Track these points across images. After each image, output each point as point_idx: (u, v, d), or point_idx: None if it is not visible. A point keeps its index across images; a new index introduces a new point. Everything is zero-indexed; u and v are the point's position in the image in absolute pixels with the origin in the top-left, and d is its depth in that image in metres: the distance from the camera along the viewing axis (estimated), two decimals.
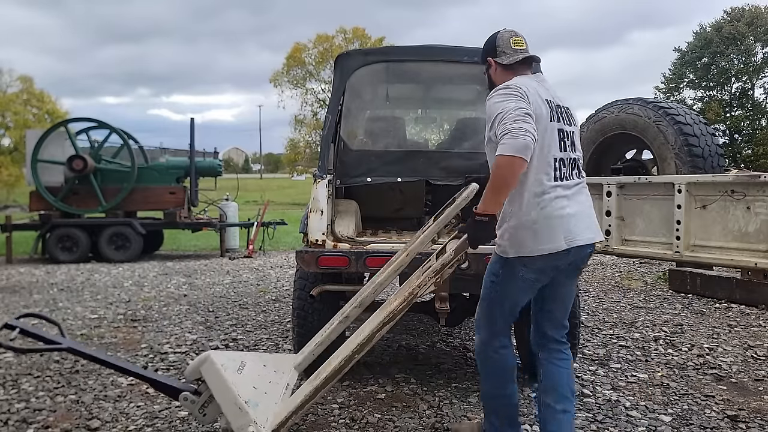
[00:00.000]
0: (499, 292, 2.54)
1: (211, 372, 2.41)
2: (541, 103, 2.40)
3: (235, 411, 2.37)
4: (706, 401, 3.51)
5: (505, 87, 2.39)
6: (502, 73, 2.57)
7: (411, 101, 5.42)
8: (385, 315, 2.50)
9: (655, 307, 6.23)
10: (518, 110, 2.25)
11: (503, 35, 2.61)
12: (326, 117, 3.87)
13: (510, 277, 2.49)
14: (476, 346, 2.70)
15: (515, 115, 2.23)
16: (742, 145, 35.50)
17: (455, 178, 3.75)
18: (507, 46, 2.57)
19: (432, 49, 4.05)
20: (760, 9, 34.30)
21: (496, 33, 2.64)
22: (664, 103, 3.49)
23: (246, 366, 2.65)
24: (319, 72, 39.21)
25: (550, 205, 2.38)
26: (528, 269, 2.43)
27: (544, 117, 2.37)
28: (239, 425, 2.34)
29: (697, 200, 2.55)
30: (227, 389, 2.40)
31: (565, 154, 2.45)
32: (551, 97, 2.48)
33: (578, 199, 2.45)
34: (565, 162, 2.45)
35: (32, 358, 4.45)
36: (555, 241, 2.36)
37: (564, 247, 2.35)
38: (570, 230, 2.38)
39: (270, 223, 12.11)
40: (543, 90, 2.48)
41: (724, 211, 2.45)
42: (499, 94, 2.37)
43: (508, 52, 2.57)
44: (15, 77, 36.48)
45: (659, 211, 2.73)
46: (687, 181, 2.59)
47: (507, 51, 2.57)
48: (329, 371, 2.46)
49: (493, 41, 2.61)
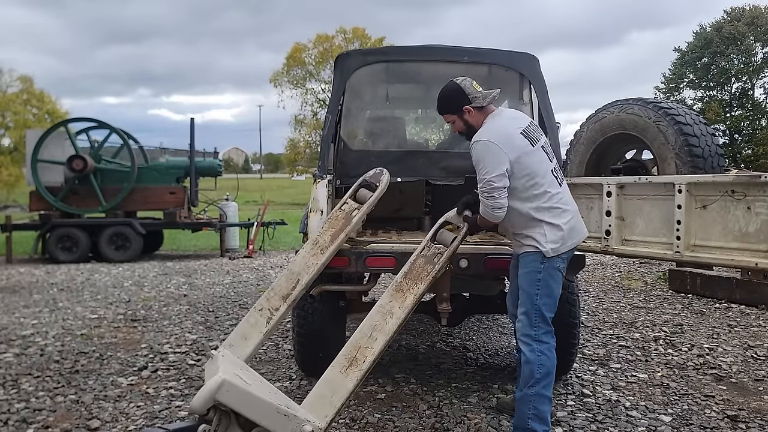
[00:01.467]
0: (542, 289, 2.82)
1: (235, 393, 2.23)
2: (518, 139, 2.77)
3: (281, 419, 2.27)
4: (706, 401, 3.51)
5: (485, 142, 2.75)
6: (477, 114, 2.90)
7: (411, 101, 5.42)
8: (412, 299, 2.76)
9: (655, 307, 6.23)
10: (496, 176, 2.69)
11: (465, 83, 2.90)
12: (326, 117, 3.87)
13: (551, 273, 2.80)
14: (544, 353, 2.79)
15: (492, 185, 2.70)
16: (742, 145, 35.48)
17: (455, 178, 3.74)
18: (473, 90, 2.88)
19: (432, 49, 4.04)
20: (761, 9, 34.28)
21: (455, 84, 2.92)
22: (664, 103, 3.48)
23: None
24: (319, 72, 39.17)
25: (566, 206, 2.81)
26: (562, 261, 2.81)
27: (526, 148, 2.77)
28: (291, 429, 2.27)
29: (698, 200, 2.54)
30: (261, 402, 2.27)
31: (553, 163, 2.88)
32: (522, 126, 2.83)
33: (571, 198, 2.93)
34: (556, 169, 2.88)
35: (32, 358, 4.45)
36: (581, 232, 2.88)
37: (586, 233, 2.94)
38: (580, 223, 2.91)
39: (270, 223, 12.11)
40: (513, 123, 2.85)
41: (725, 211, 2.44)
42: (480, 145, 2.77)
43: (477, 96, 2.88)
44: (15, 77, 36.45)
45: (659, 211, 2.72)
46: (687, 181, 2.59)
47: (476, 95, 2.88)
48: (371, 359, 2.54)
49: (461, 90, 2.88)
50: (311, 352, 3.71)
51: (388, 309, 2.77)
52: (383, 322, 2.71)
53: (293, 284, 2.99)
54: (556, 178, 2.85)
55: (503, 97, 4.54)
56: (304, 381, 3.84)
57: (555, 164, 2.91)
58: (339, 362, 2.61)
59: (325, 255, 3.06)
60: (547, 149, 2.91)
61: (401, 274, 2.93)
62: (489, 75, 4.19)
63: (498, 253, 3.29)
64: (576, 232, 2.84)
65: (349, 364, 2.58)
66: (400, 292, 2.85)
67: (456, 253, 3.19)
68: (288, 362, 4.26)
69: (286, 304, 2.93)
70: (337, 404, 2.46)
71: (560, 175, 2.93)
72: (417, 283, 2.88)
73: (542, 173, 2.78)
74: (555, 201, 2.77)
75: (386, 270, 3.38)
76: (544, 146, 2.89)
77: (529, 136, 2.81)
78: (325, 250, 3.08)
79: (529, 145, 2.78)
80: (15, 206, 27.75)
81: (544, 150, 2.86)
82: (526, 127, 2.84)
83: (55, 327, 5.45)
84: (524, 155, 2.74)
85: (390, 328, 2.69)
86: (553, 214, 2.75)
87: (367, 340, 2.66)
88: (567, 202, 2.84)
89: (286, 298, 2.95)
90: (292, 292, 2.96)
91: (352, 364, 2.57)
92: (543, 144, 2.88)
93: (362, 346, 2.64)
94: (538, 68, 3.84)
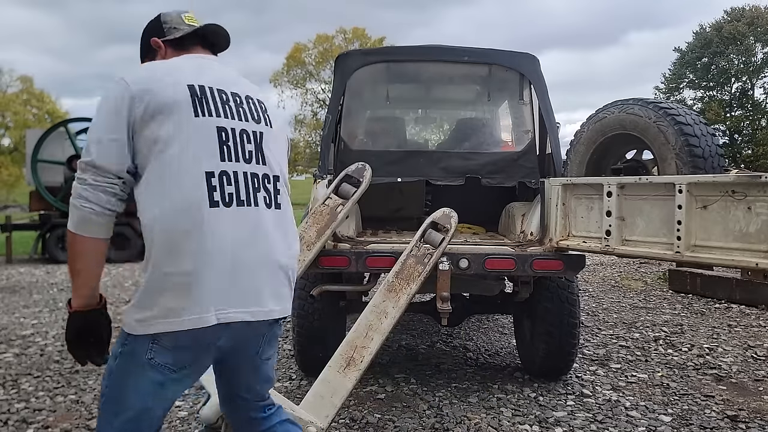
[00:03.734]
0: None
1: None
2: (178, 87, 1.55)
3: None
4: (706, 401, 3.51)
5: (112, 87, 1.54)
6: (172, 53, 1.78)
7: (411, 101, 5.42)
8: (405, 299, 2.73)
9: (655, 307, 6.23)
10: (97, 144, 1.49)
11: (169, 12, 1.87)
12: (326, 117, 3.87)
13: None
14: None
15: (89, 159, 1.48)
16: (742, 146, 35.51)
17: (455, 178, 3.75)
18: (178, 21, 1.81)
19: (432, 50, 4.04)
20: (761, 9, 34.31)
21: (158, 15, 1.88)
22: (664, 103, 3.48)
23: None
24: (319, 72, 39.26)
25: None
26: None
27: (183, 109, 1.53)
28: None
29: (698, 200, 2.54)
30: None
31: (236, 165, 1.57)
32: (217, 83, 1.63)
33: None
34: (235, 177, 1.56)
35: (32, 358, 4.45)
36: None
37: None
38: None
39: None
40: (203, 72, 1.65)
41: (725, 211, 2.44)
42: (103, 99, 1.54)
43: (180, 28, 1.80)
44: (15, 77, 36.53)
45: (660, 212, 2.72)
46: (688, 181, 2.58)
47: (179, 26, 1.80)
48: (368, 358, 2.54)
49: (157, 19, 1.84)
50: (311, 352, 3.71)
51: (382, 308, 2.78)
52: (378, 321, 2.72)
53: None
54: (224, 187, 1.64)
55: (503, 97, 4.55)
56: (304, 381, 3.84)
57: (239, 169, 1.67)
58: (336, 362, 2.60)
59: (312, 251, 3.03)
60: (250, 140, 1.70)
61: (392, 274, 2.94)
62: (489, 75, 4.20)
63: (498, 253, 3.29)
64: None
65: (347, 364, 2.57)
66: (393, 291, 2.86)
67: (456, 253, 3.20)
68: (288, 362, 4.26)
69: None
70: (337, 404, 2.45)
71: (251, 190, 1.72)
72: (409, 283, 2.89)
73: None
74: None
75: (386, 270, 3.38)
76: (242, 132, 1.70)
77: (210, 99, 1.65)
78: (311, 247, 3.05)
79: (199, 109, 1.63)
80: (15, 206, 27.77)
81: (223, 135, 1.66)
82: (219, 85, 1.70)
83: (55, 327, 5.44)
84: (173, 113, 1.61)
85: (385, 328, 2.70)
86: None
87: (363, 340, 2.66)
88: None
89: None
90: None
91: (350, 364, 2.57)
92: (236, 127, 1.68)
93: (359, 345, 2.64)
94: (538, 68, 3.84)
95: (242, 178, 1.56)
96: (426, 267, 2.94)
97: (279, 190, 1.65)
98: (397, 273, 2.93)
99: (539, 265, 3.24)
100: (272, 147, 1.67)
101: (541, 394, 3.60)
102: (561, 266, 3.27)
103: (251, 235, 1.55)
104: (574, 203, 3.22)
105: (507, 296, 4.07)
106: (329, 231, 3.11)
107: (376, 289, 3.51)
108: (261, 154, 1.62)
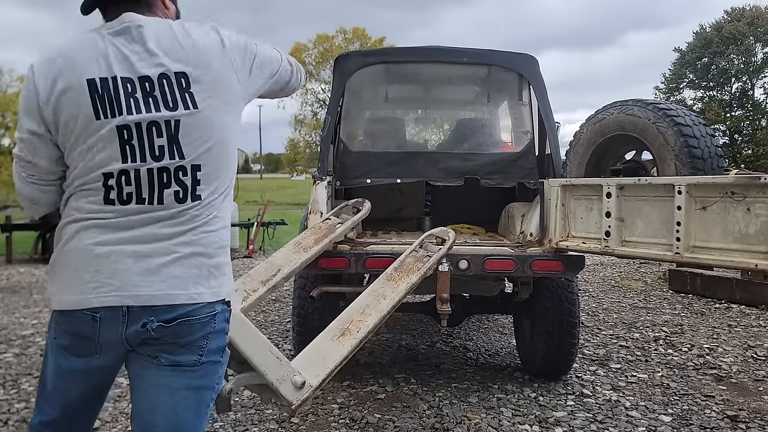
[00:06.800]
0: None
1: (233, 320, 1.80)
2: (80, 89, 1.39)
3: (273, 361, 2.03)
4: (706, 401, 3.52)
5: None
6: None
7: (410, 102, 5.42)
8: (405, 286, 2.70)
9: (655, 307, 6.23)
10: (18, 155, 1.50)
11: None
12: (326, 118, 3.87)
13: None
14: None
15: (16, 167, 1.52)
16: (742, 146, 35.50)
17: (455, 178, 3.75)
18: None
19: (431, 50, 4.05)
20: (761, 9, 34.31)
21: None
22: (664, 104, 3.48)
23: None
24: (319, 72, 39.24)
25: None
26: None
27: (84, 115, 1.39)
28: (279, 375, 2.01)
29: (697, 201, 2.54)
30: (257, 337, 2.03)
31: (140, 165, 1.41)
32: (122, 68, 1.41)
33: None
34: (137, 176, 1.41)
35: (32, 358, 4.45)
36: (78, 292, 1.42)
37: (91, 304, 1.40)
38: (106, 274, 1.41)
39: (270, 223, 12.11)
40: (118, 53, 1.42)
41: (724, 212, 2.44)
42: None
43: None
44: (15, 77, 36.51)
45: (659, 213, 2.73)
46: (687, 182, 2.59)
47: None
48: (365, 330, 2.43)
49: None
50: None
51: (380, 292, 2.73)
52: (376, 301, 2.66)
53: (273, 272, 2.83)
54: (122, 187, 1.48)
55: (502, 97, 4.56)
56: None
57: (143, 167, 1.47)
58: (330, 332, 2.45)
59: (309, 253, 3.01)
60: (159, 132, 1.46)
61: (391, 269, 2.94)
62: (488, 76, 4.20)
63: (497, 254, 3.29)
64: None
65: (342, 334, 2.42)
66: (392, 280, 2.84)
67: (455, 254, 3.21)
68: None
69: (265, 288, 2.73)
70: (330, 366, 2.22)
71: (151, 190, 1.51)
72: (408, 275, 2.89)
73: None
74: None
75: None
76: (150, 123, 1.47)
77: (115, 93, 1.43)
78: (308, 249, 3.05)
79: (103, 111, 1.45)
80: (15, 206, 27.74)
81: (125, 133, 1.45)
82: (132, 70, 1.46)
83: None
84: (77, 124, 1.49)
85: (383, 307, 2.60)
86: None
87: (360, 315, 2.56)
88: None
89: (266, 283, 2.75)
90: (272, 278, 2.78)
91: (344, 334, 2.42)
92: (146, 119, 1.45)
93: (355, 319, 2.53)
94: (537, 69, 3.85)
95: (145, 176, 1.41)
96: (426, 265, 2.94)
97: (199, 180, 1.45)
98: (396, 268, 2.93)
99: (539, 265, 3.25)
100: (194, 134, 1.43)
101: (541, 394, 3.61)
102: (560, 267, 3.28)
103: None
104: (573, 204, 3.22)
105: (507, 296, 4.08)
106: (327, 240, 3.12)
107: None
108: (176, 147, 1.42)
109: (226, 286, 1.52)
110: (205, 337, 1.46)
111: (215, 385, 1.54)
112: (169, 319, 1.40)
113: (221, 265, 1.50)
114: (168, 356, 1.43)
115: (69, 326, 1.43)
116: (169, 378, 1.45)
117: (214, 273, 1.47)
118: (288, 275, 2.90)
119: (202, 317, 1.44)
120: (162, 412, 1.46)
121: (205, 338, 1.46)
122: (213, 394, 1.54)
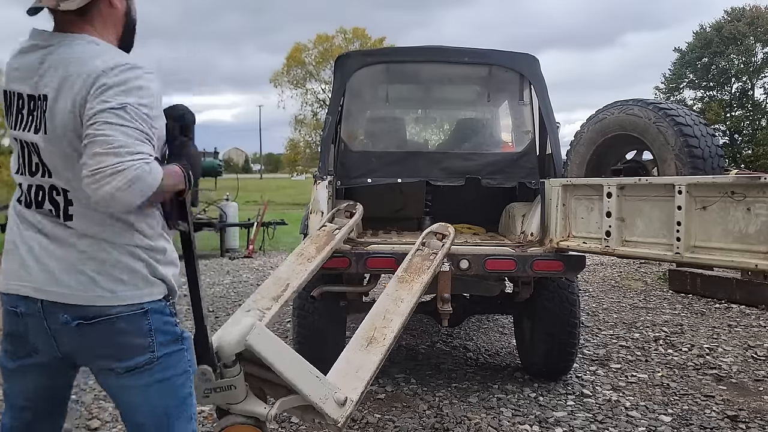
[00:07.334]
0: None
1: (267, 339, 1.91)
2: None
3: (314, 381, 1.99)
4: (706, 401, 3.52)
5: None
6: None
7: (411, 102, 5.43)
8: (419, 286, 2.73)
9: (655, 307, 6.23)
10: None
11: None
12: (326, 118, 3.87)
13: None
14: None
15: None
16: (743, 146, 35.50)
17: (455, 178, 3.75)
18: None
19: (432, 50, 4.05)
20: (761, 9, 34.31)
21: None
22: (664, 104, 3.48)
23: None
24: (319, 72, 39.22)
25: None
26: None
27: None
28: (321, 395, 1.97)
29: (698, 201, 2.54)
30: (293, 356, 2.01)
31: (27, 179, 1.48)
32: (19, 82, 1.46)
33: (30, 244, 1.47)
34: (28, 190, 1.49)
35: None
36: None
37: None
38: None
39: (270, 223, 12.11)
40: (17, 68, 1.48)
41: (725, 212, 2.44)
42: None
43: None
44: None
45: (659, 213, 2.73)
46: (687, 182, 2.59)
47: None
48: (391, 336, 2.42)
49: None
50: (311, 352, 3.71)
51: (396, 296, 2.73)
52: (395, 306, 2.65)
53: (283, 287, 2.83)
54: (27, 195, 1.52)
55: (503, 97, 4.56)
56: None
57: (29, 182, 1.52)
58: (356, 343, 2.42)
59: (313, 264, 2.98)
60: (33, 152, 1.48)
61: (401, 270, 2.94)
62: (489, 75, 4.21)
63: (498, 254, 3.29)
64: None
65: (369, 343, 2.40)
66: (404, 282, 2.84)
67: (456, 254, 3.21)
68: None
69: (278, 304, 2.73)
70: (365, 377, 2.21)
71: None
72: (420, 274, 2.89)
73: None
74: None
75: (387, 271, 3.39)
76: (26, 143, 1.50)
77: (14, 106, 1.51)
78: (312, 259, 3.03)
79: (14, 121, 1.55)
80: None
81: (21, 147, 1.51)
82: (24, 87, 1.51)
83: None
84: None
85: (403, 310, 2.60)
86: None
87: (382, 321, 2.54)
88: None
89: (278, 299, 2.75)
90: (283, 294, 2.78)
91: (372, 342, 2.40)
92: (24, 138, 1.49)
93: (378, 326, 2.50)
94: (538, 69, 3.85)
95: (31, 192, 1.47)
96: (434, 263, 2.95)
97: (71, 201, 1.44)
98: (406, 269, 2.93)
99: (539, 265, 3.25)
100: (50, 157, 1.43)
101: (541, 394, 3.61)
102: (561, 267, 3.28)
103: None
104: (574, 204, 3.22)
105: (507, 296, 4.08)
106: (329, 248, 3.11)
107: (378, 291, 3.51)
108: (44, 167, 1.45)
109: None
110: (147, 335, 1.52)
111: (188, 369, 1.59)
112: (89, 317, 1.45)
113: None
114: (119, 364, 1.48)
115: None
116: (134, 380, 1.50)
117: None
118: (298, 288, 2.89)
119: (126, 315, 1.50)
120: (142, 411, 1.53)
121: (148, 335, 1.52)
122: (189, 375, 1.59)
